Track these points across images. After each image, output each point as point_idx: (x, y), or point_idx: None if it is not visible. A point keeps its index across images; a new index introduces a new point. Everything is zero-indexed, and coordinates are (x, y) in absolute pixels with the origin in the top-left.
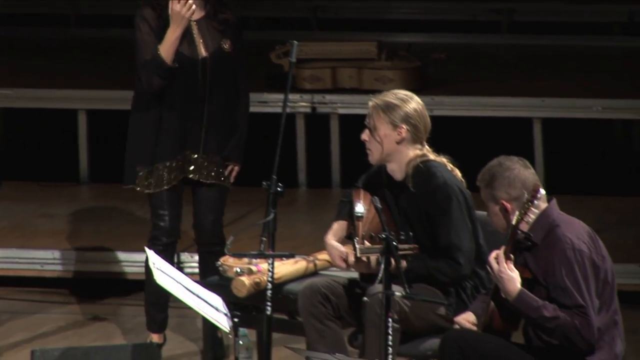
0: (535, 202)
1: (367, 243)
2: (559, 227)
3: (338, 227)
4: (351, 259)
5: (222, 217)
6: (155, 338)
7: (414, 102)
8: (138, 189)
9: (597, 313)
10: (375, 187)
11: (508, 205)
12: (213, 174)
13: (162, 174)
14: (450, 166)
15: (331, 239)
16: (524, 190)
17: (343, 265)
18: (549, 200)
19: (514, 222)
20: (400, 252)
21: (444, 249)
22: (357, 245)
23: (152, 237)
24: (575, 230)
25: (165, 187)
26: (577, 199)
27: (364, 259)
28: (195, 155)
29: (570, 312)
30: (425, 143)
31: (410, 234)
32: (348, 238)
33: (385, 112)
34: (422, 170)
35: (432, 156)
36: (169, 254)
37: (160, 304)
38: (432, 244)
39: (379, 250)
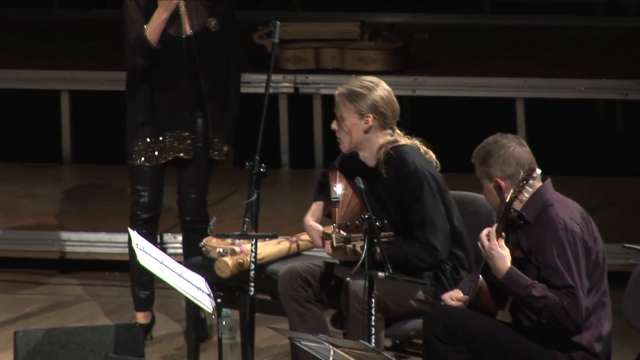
0: (530, 181)
1: (342, 232)
2: (552, 207)
3: (316, 207)
4: (329, 249)
5: (206, 195)
6: (140, 317)
7: (380, 89)
8: (136, 162)
9: (586, 294)
10: (351, 172)
11: (502, 183)
12: (199, 151)
13: (160, 150)
14: (423, 148)
15: (310, 220)
16: (518, 168)
17: (322, 244)
18: (543, 180)
19: (507, 200)
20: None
21: (419, 235)
22: (333, 236)
23: (131, 213)
24: (569, 211)
25: (162, 161)
26: (560, 179)
27: (342, 247)
28: (186, 133)
29: (559, 292)
30: (395, 128)
31: (385, 221)
32: (328, 217)
33: (351, 102)
34: (393, 157)
35: (403, 140)
36: (151, 230)
37: (144, 283)
38: (408, 229)
39: (356, 239)
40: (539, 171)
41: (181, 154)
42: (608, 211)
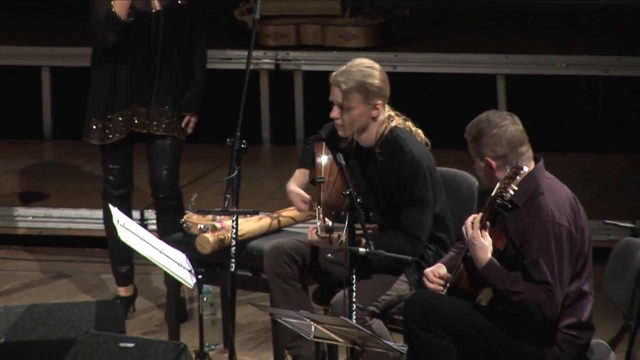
0: (517, 178)
1: (328, 221)
2: (542, 196)
3: (300, 174)
4: (314, 237)
5: (178, 171)
6: (122, 291)
7: (378, 72)
8: (91, 141)
9: (567, 285)
10: (340, 150)
11: (493, 163)
12: (164, 126)
13: (115, 126)
14: (413, 128)
15: (292, 185)
16: (510, 148)
17: (305, 207)
18: (536, 160)
19: (492, 194)
20: (360, 231)
21: (405, 224)
22: (318, 225)
23: (103, 191)
24: (558, 200)
25: (117, 138)
26: (541, 155)
27: (327, 237)
28: (145, 109)
29: (536, 287)
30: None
31: (370, 214)
32: (312, 183)
33: (360, 92)
34: (390, 140)
35: (397, 120)
36: (124, 207)
37: (123, 257)
38: (394, 214)
39: (341, 229)
40: (526, 169)
41: (143, 130)
42: (589, 187)
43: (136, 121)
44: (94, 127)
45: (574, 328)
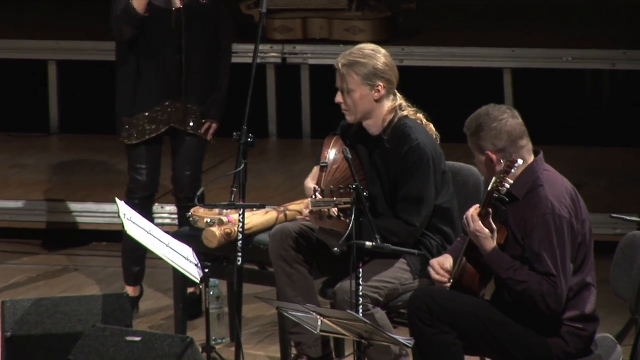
0: (512, 171)
1: (319, 196)
2: (542, 188)
3: (317, 170)
4: (305, 211)
5: (201, 172)
6: (130, 291)
7: (382, 55)
8: (125, 141)
9: (570, 278)
10: (351, 139)
11: (494, 157)
12: (192, 124)
13: (143, 125)
14: (424, 121)
15: (309, 182)
16: (510, 141)
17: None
18: (536, 153)
19: (489, 188)
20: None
21: (401, 209)
22: (310, 199)
23: (128, 191)
24: (558, 193)
25: (147, 138)
26: (547, 149)
27: (317, 212)
28: (177, 105)
29: (540, 278)
30: (397, 93)
31: (366, 194)
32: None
33: (359, 73)
34: (398, 129)
35: (408, 111)
36: (146, 208)
37: (136, 257)
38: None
39: (329, 204)
40: (520, 162)
41: (173, 124)
42: (596, 181)
43: (174, 116)
44: (127, 126)
45: (578, 320)
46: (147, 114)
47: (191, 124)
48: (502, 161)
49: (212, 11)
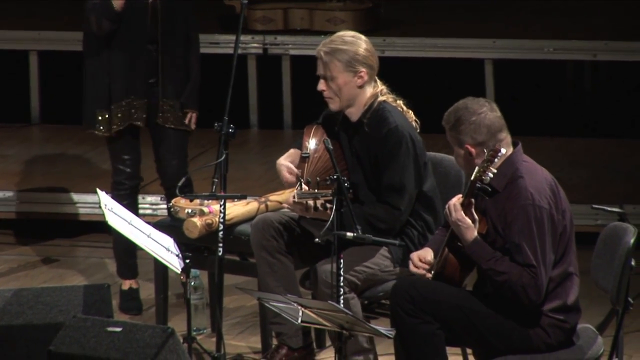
0: (495, 160)
1: (305, 187)
2: (522, 179)
3: (293, 151)
4: (290, 200)
5: (186, 160)
6: (133, 284)
7: (362, 42)
8: (98, 133)
9: (550, 269)
10: (332, 127)
11: (473, 150)
12: (173, 119)
13: (122, 114)
14: (404, 108)
15: (282, 159)
16: (489, 135)
17: (291, 179)
18: (514, 145)
19: (472, 178)
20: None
21: (386, 194)
22: (295, 190)
23: (115, 182)
24: (538, 184)
25: (118, 128)
26: (528, 140)
27: (302, 202)
28: (142, 101)
29: (521, 268)
30: (377, 79)
31: (347, 183)
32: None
33: (341, 60)
34: (376, 112)
35: (387, 97)
36: (133, 198)
37: (130, 250)
38: (379, 187)
39: (315, 195)
40: (503, 151)
41: (139, 122)
42: (577, 172)
43: (135, 114)
44: (100, 118)
45: (560, 311)
46: (123, 103)
47: (172, 119)
48: (483, 153)
49: (183, 3)
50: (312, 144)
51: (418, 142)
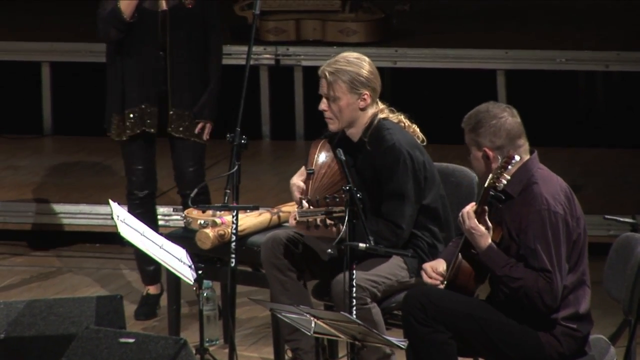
0: (509, 167)
1: (305, 205)
2: (536, 185)
3: (304, 170)
4: (292, 221)
5: (203, 168)
6: (152, 289)
7: (366, 64)
8: (111, 136)
9: (565, 274)
10: (334, 147)
11: (490, 154)
12: (182, 129)
13: (133, 121)
14: (407, 123)
15: (295, 178)
16: (508, 140)
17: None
18: (531, 152)
19: (485, 185)
20: (338, 215)
21: (386, 212)
22: (297, 209)
23: (127, 192)
24: (553, 190)
25: (130, 134)
26: (540, 150)
27: (304, 222)
28: (155, 109)
29: (536, 274)
30: (377, 100)
31: (359, 195)
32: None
33: (346, 81)
34: (376, 130)
35: (387, 113)
36: (149, 208)
37: (146, 257)
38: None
39: (317, 214)
40: (517, 157)
41: (152, 129)
42: (589, 182)
43: (148, 121)
44: (114, 122)
45: (573, 320)
46: (136, 110)
47: (181, 129)
48: (498, 158)
49: (199, 15)
50: (320, 158)
51: (417, 158)
